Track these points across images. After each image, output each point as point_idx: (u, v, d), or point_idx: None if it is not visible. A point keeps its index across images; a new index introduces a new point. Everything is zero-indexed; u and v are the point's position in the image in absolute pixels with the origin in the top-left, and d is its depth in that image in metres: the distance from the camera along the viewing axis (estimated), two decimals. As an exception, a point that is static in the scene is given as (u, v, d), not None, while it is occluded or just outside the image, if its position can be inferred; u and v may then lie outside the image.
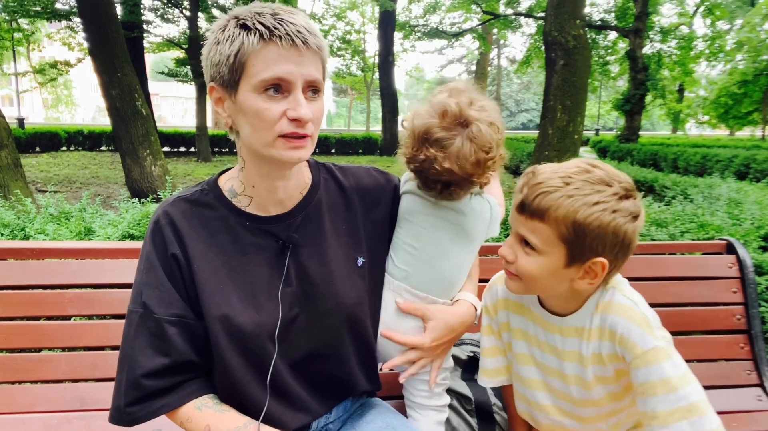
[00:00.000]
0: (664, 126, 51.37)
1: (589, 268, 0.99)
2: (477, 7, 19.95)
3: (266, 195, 1.10)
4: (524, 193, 0.99)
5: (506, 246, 1.06)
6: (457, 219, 1.21)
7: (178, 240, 1.06)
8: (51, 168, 12.81)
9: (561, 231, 0.95)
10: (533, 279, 1.02)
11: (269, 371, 1.06)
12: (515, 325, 1.20)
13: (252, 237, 1.10)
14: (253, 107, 0.97)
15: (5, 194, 5.49)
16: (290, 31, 0.94)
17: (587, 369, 1.08)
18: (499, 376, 1.28)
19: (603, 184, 0.96)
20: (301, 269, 1.11)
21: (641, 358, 0.98)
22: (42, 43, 19.92)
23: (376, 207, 1.25)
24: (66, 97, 47.86)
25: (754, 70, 19.21)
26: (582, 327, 1.07)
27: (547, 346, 1.14)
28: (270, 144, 0.99)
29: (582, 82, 7.67)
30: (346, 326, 1.15)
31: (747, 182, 6.57)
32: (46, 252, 1.56)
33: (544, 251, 0.99)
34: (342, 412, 1.25)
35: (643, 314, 1.01)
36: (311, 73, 0.98)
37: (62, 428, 1.42)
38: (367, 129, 37.21)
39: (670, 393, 0.96)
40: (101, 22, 7.61)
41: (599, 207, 0.94)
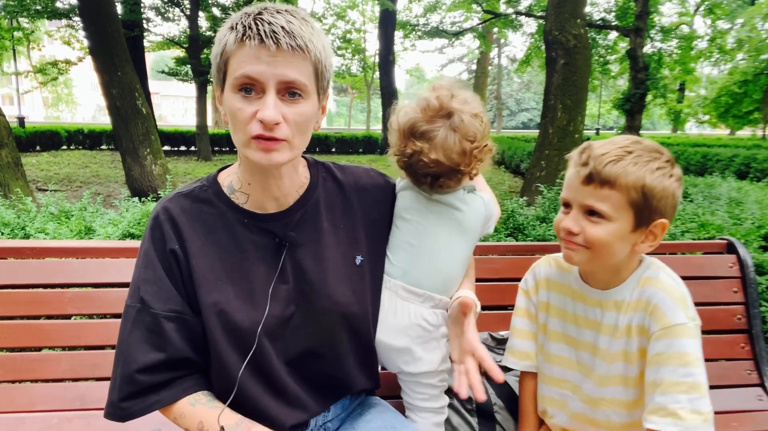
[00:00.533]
0: (664, 125, 51.36)
1: (650, 231, 1.07)
2: (477, 7, 19.93)
3: (261, 192, 1.10)
4: (591, 165, 1.05)
5: (569, 219, 1.09)
6: (452, 214, 1.22)
7: (177, 236, 1.06)
8: (51, 167, 12.80)
9: (631, 196, 1.03)
10: (602, 246, 1.07)
11: (244, 362, 1.05)
12: (554, 303, 1.27)
13: (249, 235, 1.10)
14: (230, 107, 0.99)
15: (5, 193, 5.49)
16: (262, 31, 0.93)
17: (618, 340, 1.13)
18: (527, 360, 1.31)
19: (657, 152, 1.07)
20: (297, 267, 1.11)
21: (666, 330, 1.05)
22: (42, 42, 19.88)
23: (375, 206, 1.25)
24: (66, 96, 47.86)
25: (755, 69, 19.18)
26: (622, 300, 1.13)
27: (586, 320, 1.20)
28: (245, 144, 0.99)
29: (582, 81, 7.67)
30: (343, 324, 1.15)
31: (747, 182, 6.57)
32: (46, 251, 1.56)
33: (614, 217, 1.05)
34: (341, 410, 1.25)
35: (682, 293, 1.09)
36: (286, 73, 0.95)
37: (62, 427, 1.42)
38: (368, 128, 37.22)
39: (681, 367, 1.03)
40: (101, 20, 7.61)
41: (661, 172, 1.04)
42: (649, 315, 1.09)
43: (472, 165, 1.18)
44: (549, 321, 1.28)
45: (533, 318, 1.31)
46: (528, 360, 1.31)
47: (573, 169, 1.10)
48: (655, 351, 1.06)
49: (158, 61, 39.99)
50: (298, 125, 1.00)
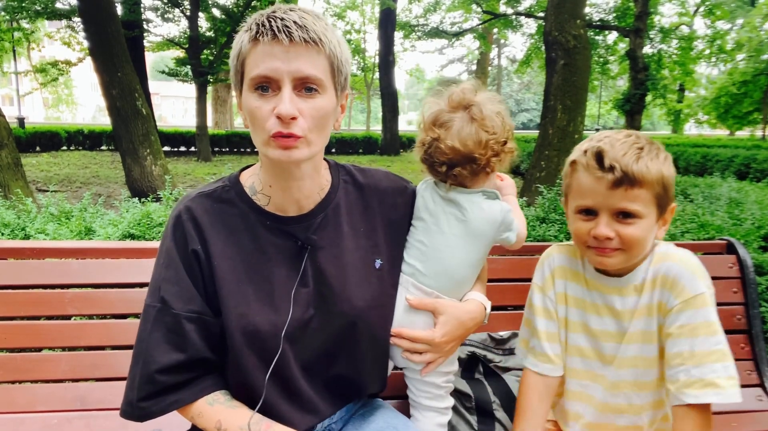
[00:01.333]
0: (664, 126, 51.40)
1: (665, 217, 1.12)
2: (477, 7, 19.94)
3: (282, 195, 1.09)
4: (617, 168, 1.04)
5: (603, 226, 1.09)
6: (465, 216, 1.21)
7: (199, 236, 1.06)
8: (51, 167, 12.80)
9: (656, 191, 1.07)
10: (638, 245, 1.09)
11: (270, 367, 1.05)
12: (572, 293, 1.25)
13: (271, 237, 1.09)
14: (248, 106, 0.99)
15: (6, 193, 5.49)
16: (275, 27, 0.93)
17: (637, 321, 1.14)
18: (548, 364, 1.25)
19: (653, 142, 1.10)
20: (318, 271, 1.11)
21: (689, 302, 1.07)
22: (42, 42, 19.89)
23: (394, 209, 1.25)
24: (66, 97, 47.86)
25: (754, 70, 19.19)
26: (640, 283, 1.14)
27: (606, 308, 1.19)
28: (265, 143, 0.99)
29: (582, 81, 7.67)
30: (360, 328, 1.14)
31: (747, 182, 6.57)
32: (46, 251, 1.56)
33: (645, 214, 1.07)
34: (345, 413, 1.25)
35: (697, 263, 1.11)
36: (300, 68, 0.95)
37: (62, 428, 1.42)
38: (368, 128, 37.21)
39: (711, 336, 1.05)
40: (101, 21, 7.61)
41: (668, 161, 1.09)
42: (668, 289, 1.10)
43: (488, 157, 1.18)
44: (569, 312, 1.25)
45: (551, 316, 1.27)
46: (549, 364, 1.25)
47: (589, 175, 1.08)
48: (679, 323, 1.07)
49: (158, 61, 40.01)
50: (315, 120, 0.99)
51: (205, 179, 10.42)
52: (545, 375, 1.25)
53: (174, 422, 1.42)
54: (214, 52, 16.60)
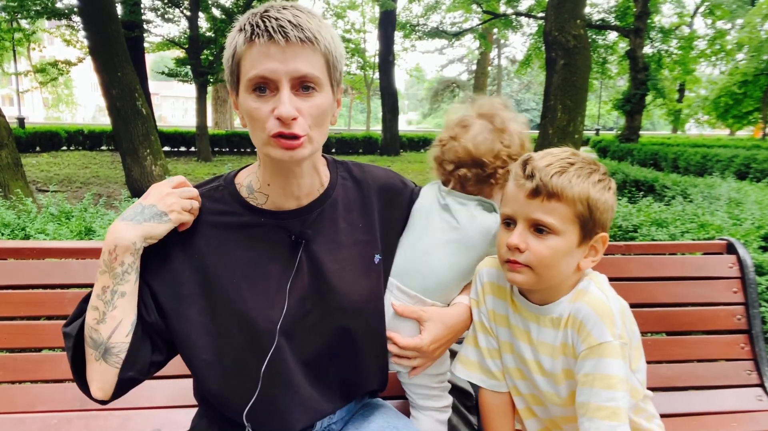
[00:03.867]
0: (664, 126, 51.37)
1: (592, 246, 1.06)
2: (477, 7, 19.94)
3: (281, 192, 1.10)
4: (537, 177, 1.01)
5: (516, 235, 1.04)
6: (458, 222, 1.21)
7: (189, 233, 1.08)
8: (51, 167, 12.80)
9: (577, 209, 1.01)
10: (548, 263, 1.03)
11: (265, 360, 1.05)
12: (498, 311, 1.20)
13: (265, 233, 1.10)
14: (246, 108, 0.99)
15: (6, 194, 5.49)
16: (270, 27, 0.93)
17: (557, 361, 1.10)
18: (492, 379, 1.21)
19: (594, 165, 1.06)
20: (314, 265, 1.11)
21: (593, 350, 1.02)
22: (42, 42, 19.88)
23: (392, 206, 1.25)
24: (66, 97, 47.87)
25: (755, 70, 19.19)
26: (558, 317, 1.09)
27: (524, 334, 1.15)
28: (265, 143, 1.00)
29: (582, 81, 7.67)
30: (359, 323, 1.14)
31: (747, 182, 6.57)
32: (46, 251, 1.56)
33: (561, 230, 1.02)
34: (345, 413, 1.25)
35: (609, 307, 1.04)
36: (298, 68, 0.95)
37: (62, 428, 1.42)
38: (368, 128, 37.23)
39: (605, 391, 1.00)
40: (101, 21, 7.61)
41: (602, 184, 1.04)
42: (577, 332, 1.05)
43: (496, 166, 1.19)
44: (498, 331, 1.20)
45: (489, 332, 1.21)
46: (493, 380, 1.21)
47: (515, 183, 1.06)
48: (583, 371, 1.02)
49: (158, 61, 40.01)
50: (315, 118, 1.00)
51: (204, 179, 10.41)
52: (493, 391, 1.22)
53: (174, 422, 1.43)
54: (214, 52, 16.60)
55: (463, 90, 44.15)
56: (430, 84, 54.24)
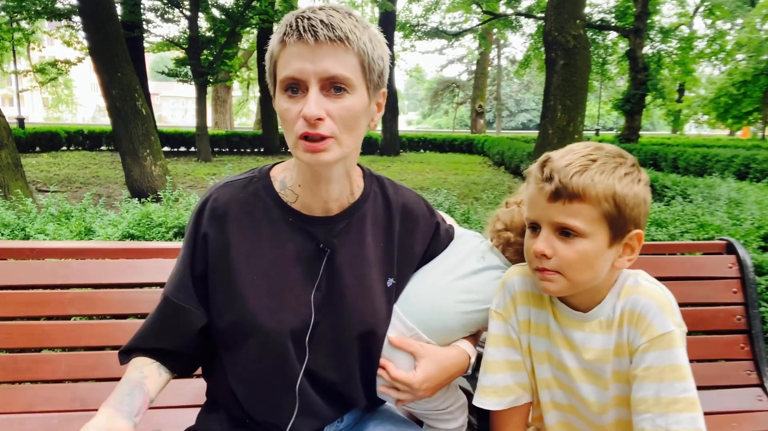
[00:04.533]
0: (664, 126, 51.41)
1: (626, 244, 0.99)
2: (477, 7, 19.95)
3: (311, 196, 1.08)
4: (555, 179, 0.96)
5: (541, 241, 0.99)
6: (475, 271, 1.21)
7: (220, 225, 1.06)
8: (51, 168, 12.80)
9: (603, 208, 0.95)
10: (579, 268, 0.98)
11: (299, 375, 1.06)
12: (536, 320, 1.13)
13: (292, 234, 1.08)
14: (279, 108, 0.99)
15: (5, 194, 5.49)
16: (301, 27, 0.91)
17: (608, 364, 1.04)
18: (510, 395, 1.14)
19: (621, 157, 0.99)
20: (333, 276, 1.09)
21: (655, 341, 0.96)
22: (42, 42, 19.88)
23: (413, 233, 1.21)
24: (66, 97, 47.84)
25: (754, 70, 19.19)
26: (607, 319, 1.04)
27: (564, 341, 1.09)
28: (294, 144, 0.98)
29: (582, 82, 7.68)
30: (362, 342, 1.12)
31: (747, 182, 6.57)
32: (46, 252, 1.56)
33: (588, 232, 0.96)
34: (353, 421, 1.24)
35: (667, 297, 1.01)
36: (327, 68, 0.92)
37: (62, 428, 1.42)
38: (367, 129, 37.12)
39: (678, 382, 0.94)
40: (101, 21, 7.61)
41: (629, 178, 0.96)
42: (634, 326, 0.99)
43: None
44: (532, 341, 1.14)
45: (514, 344, 1.15)
46: (511, 395, 1.14)
47: (535, 186, 1.00)
48: (645, 364, 0.97)
49: (158, 61, 39.99)
50: (344, 120, 0.96)
51: (204, 179, 10.41)
52: (511, 407, 1.15)
53: (174, 422, 1.43)
54: (214, 52, 16.60)
55: (463, 90, 44.14)
56: (430, 84, 54.21)
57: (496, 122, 46.37)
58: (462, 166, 15.72)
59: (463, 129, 47.94)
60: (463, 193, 9.49)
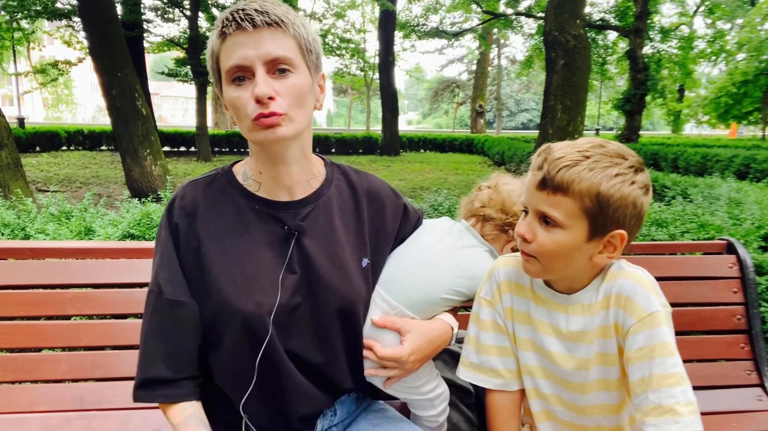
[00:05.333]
0: (664, 126, 51.40)
1: (608, 242, 1.01)
2: (477, 7, 19.95)
3: (272, 181, 1.12)
4: (545, 169, 0.99)
5: (524, 224, 1.04)
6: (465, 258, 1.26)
7: (190, 220, 1.10)
8: (51, 167, 12.80)
9: (585, 204, 0.97)
10: (554, 256, 1.02)
11: (261, 349, 1.06)
12: (518, 308, 1.18)
13: (259, 221, 1.11)
14: (229, 99, 1.03)
15: (5, 194, 5.49)
16: (238, 17, 0.98)
17: (592, 345, 1.07)
18: (497, 378, 1.19)
19: (619, 157, 0.99)
20: (305, 258, 1.11)
21: (644, 321, 1.00)
22: (42, 42, 19.87)
23: (382, 213, 1.25)
24: (66, 97, 47.85)
25: (755, 69, 19.19)
26: (589, 303, 1.08)
27: (549, 327, 1.13)
28: (249, 129, 1.03)
29: (582, 81, 7.68)
30: (342, 321, 1.14)
31: (747, 182, 6.57)
32: (46, 251, 1.56)
33: (567, 225, 0.99)
34: (346, 415, 1.25)
35: (650, 280, 1.04)
36: (269, 51, 0.99)
37: (62, 428, 1.42)
38: (368, 129, 37.21)
39: (668, 358, 0.98)
40: (101, 21, 7.61)
41: (619, 179, 0.97)
42: (623, 308, 1.03)
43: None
44: (516, 328, 1.18)
45: (502, 330, 1.20)
46: (498, 378, 1.19)
47: (530, 172, 1.05)
48: (637, 345, 1.00)
49: (158, 61, 39.99)
50: (293, 97, 1.02)
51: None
52: (499, 391, 1.19)
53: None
54: (214, 52, 16.54)
55: (463, 90, 44.17)
56: (430, 84, 54.24)
57: (496, 122, 46.37)
58: (462, 165, 15.73)
59: (463, 129, 47.99)
60: (463, 192, 9.44)
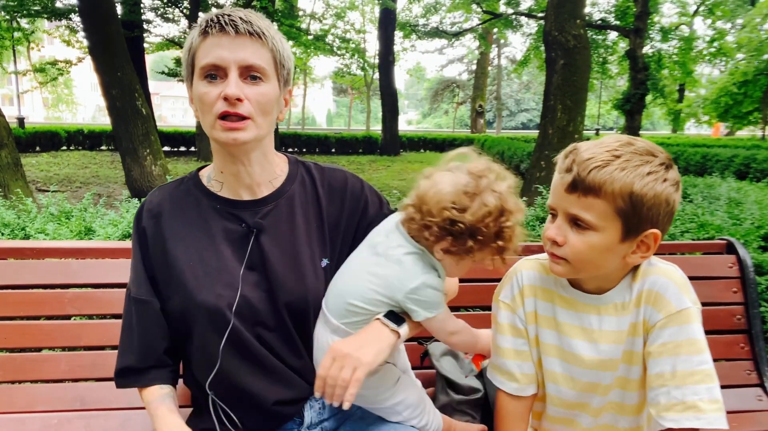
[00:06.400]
0: (664, 126, 51.40)
1: (642, 241, 0.99)
2: (477, 7, 19.94)
3: (233, 179, 1.17)
4: (575, 171, 0.96)
5: (554, 228, 1.01)
6: (384, 260, 1.09)
7: (156, 221, 1.16)
8: (51, 167, 12.80)
9: (618, 205, 0.94)
10: (586, 259, 0.99)
11: (223, 339, 1.09)
12: (542, 312, 1.14)
13: (220, 220, 1.16)
14: (198, 93, 1.07)
15: (5, 193, 5.49)
16: (222, 21, 1.03)
17: (621, 345, 1.06)
18: (513, 382, 1.15)
19: (649, 155, 0.97)
20: (263, 257, 1.14)
21: (672, 317, 0.99)
22: (42, 42, 19.85)
23: (340, 209, 1.23)
24: (66, 97, 47.84)
25: (755, 69, 19.18)
26: (622, 302, 1.06)
27: (578, 330, 1.10)
28: (212, 126, 1.07)
29: (582, 81, 7.67)
30: (296, 320, 1.16)
31: (747, 182, 6.57)
32: (46, 251, 1.56)
33: (600, 227, 0.96)
34: (337, 410, 1.25)
35: (682, 277, 1.03)
36: (245, 58, 1.04)
37: (62, 428, 1.42)
38: (368, 128, 37.21)
39: (695, 355, 0.97)
40: (101, 21, 7.61)
41: (652, 177, 0.94)
42: (651, 304, 1.01)
43: (436, 222, 1.04)
44: (540, 333, 1.15)
45: (521, 334, 1.16)
46: (514, 383, 1.16)
47: (557, 174, 1.02)
48: (662, 340, 0.98)
49: (158, 61, 39.98)
50: (260, 104, 1.07)
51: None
52: (513, 395, 1.16)
53: (174, 422, 1.43)
54: (214, 51, 16.53)
55: (463, 90, 44.16)
56: (430, 84, 54.24)
57: (496, 122, 46.36)
58: (462, 165, 15.65)
59: (463, 129, 47.97)
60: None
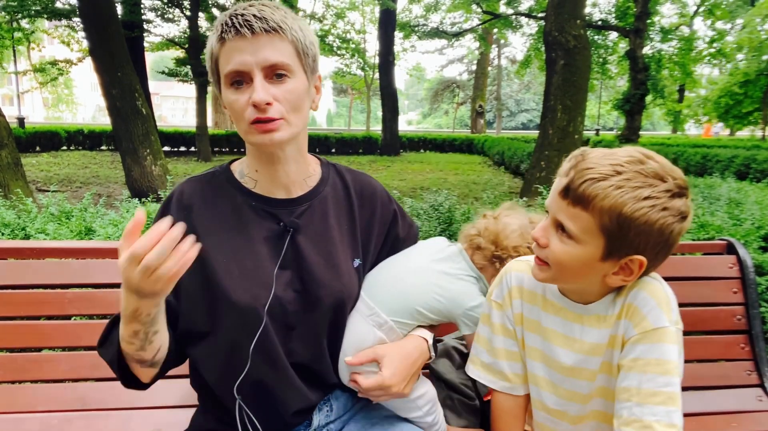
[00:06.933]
0: (664, 126, 51.37)
1: (625, 265, 0.95)
2: (477, 7, 19.94)
3: (269, 179, 1.15)
4: (570, 177, 0.93)
5: (540, 229, 1.00)
6: (443, 268, 1.25)
7: (187, 214, 1.11)
8: (51, 167, 12.80)
9: (603, 222, 0.90)
10: (564, 268, 0.98)
11: (254, 339, 1.07)
12: (528, 315, 1.14)
13: (255, 217, 1.13)
14: (227, 101, 1.06)
15: (6, 193, 5.49)
16: (237, 23, 0.99)
17: (600, 357, 1.04)
18: (504, 381, 1.17)
19: (656, 179, 0.90)
20: (299, 255, 1.13)
21: (646, 334, 0.96)
22: (42, 42, 19.86)
23: (373, 215, 1.26)
24: (66, 96, 47.85)
25: (756, 69, 19.18)
26: (605, 314, 1.04)
27: (561, 337, 1.09)
28: (247, 131, 1.06)
29: (582, 82, 7.68)
30: (333, 317, 1.16)
31: (747, 182, 6.56)
32: (46, 251, 1.56)
33: (582, 240, 0.93)
34: (342, 411, 1.25)
35: (666, 294, 0.99)
36: (267, 57, 1.01)
37: (62, 428, 1.42)
38: (368, 128, 37.20)
39: (661, 376, 0.94)
40: (101, 21, 7.61)
41: (649, 203, 0.89)
42: (629, 319, 0.99)
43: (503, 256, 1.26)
44: (526, 335, 1.14)
45: (511, 335, 1.16)
46: (506, 382, 1.16)
47: (557, 176, 0.99)
48: (633, 355, 0.96)
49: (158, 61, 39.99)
50: (290, 102, 1.05)
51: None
52: (507, 393, 1.17)
53: (174, 422, 1.43)
54: (214, 52, 16.52)
55: (463, 90, 44.17)
56: (430, 84, 54.25)
57: (496, 122, 46.37)
58: (462, 166, 15.72)
59: (463, 129, 47.98)
60: (463, 192, 9.50)
